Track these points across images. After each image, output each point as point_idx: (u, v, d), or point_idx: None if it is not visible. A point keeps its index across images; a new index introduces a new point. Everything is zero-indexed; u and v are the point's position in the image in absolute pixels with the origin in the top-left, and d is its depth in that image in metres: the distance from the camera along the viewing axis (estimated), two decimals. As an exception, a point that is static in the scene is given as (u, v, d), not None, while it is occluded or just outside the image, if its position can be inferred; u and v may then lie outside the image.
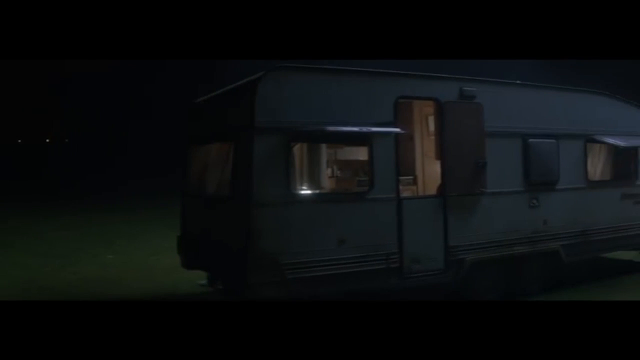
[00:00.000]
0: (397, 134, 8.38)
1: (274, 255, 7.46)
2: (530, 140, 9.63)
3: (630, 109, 11.39)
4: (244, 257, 7.42)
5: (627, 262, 12.38)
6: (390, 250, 8.26)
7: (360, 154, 9.06)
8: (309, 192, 8.33)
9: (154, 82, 42.13)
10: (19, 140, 55.11)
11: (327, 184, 9.31)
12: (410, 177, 10.50)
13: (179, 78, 37.69)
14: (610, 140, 10.50)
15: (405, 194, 9.47)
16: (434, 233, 8.69)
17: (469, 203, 9.01)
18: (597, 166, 11.02)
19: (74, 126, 50.74)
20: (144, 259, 13.92)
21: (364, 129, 7.94)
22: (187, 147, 10.03)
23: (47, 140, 54.04)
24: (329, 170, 9.95)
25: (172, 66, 36.63)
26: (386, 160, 8.33)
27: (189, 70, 36.74)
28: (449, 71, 9.17)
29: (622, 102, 11.24)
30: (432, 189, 9.52)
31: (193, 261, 9.32)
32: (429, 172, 10.45)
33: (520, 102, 9.73)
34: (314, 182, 8.49)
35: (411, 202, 8.75)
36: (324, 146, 8.71)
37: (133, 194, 30.59)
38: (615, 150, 10.95)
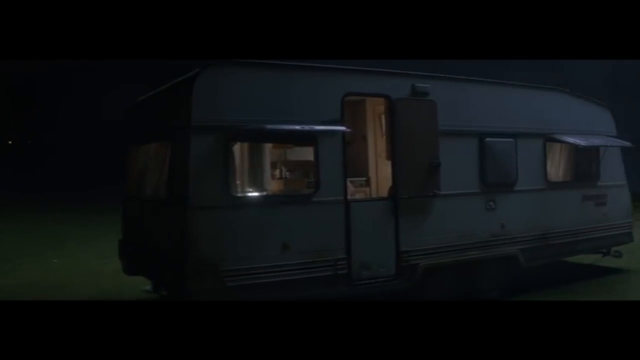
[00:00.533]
0: (344, 133, 7.94)
1: (212, 261, 7.02)
2: (487, 139, 9.22)
3: (591, 107, 11.06)
4: (181, 263, 7.01)
5: (588, 266, 12.08)
6: (337, 256, 7.83)
7: (310, 154, 8.60)
8: (250, 194, 7.86)
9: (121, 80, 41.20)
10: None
11: (273, 185, 8.88)
12: (363, 178, 10.08)
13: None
14: (570, 140, 10.12)
15: (358, 196, 9.10)
16: (385, 238, 8.25)
17: (421, 206, 8.57)
18: (557, 167, 10.63)
19: (36, 128, 49.65)
20: (91, 263, 13.34)
21: (307, 127, 7.48)
22: (127, 148, 9.53)
23: (10, 142, 52.80)
24: (278, 172, 9.52)
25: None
26: (333, 160, 7.88)
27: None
28: (403, 67, 8.69)
29: (582, 100, 10.92)
30: (386, 191, 9.07)
31: (134, 267, 8.83)
32: (383, 173, 9.95)
33: (477, 99, 9.32)
34: (256, 184, 8.01)
35: (360, 205, 8.28)
36: (267, 146, 8.23)
37: (93, 196, 29.86)
38: (575, 150, 10.58)
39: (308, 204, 7.77)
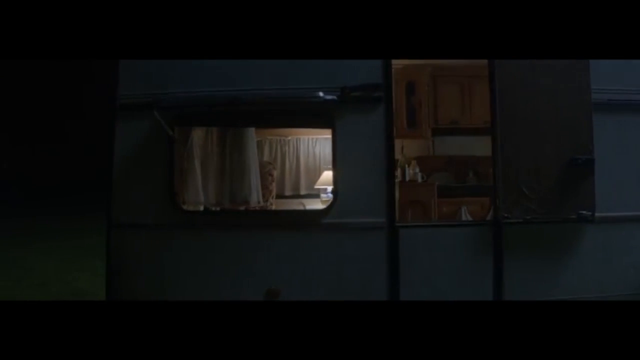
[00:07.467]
0: (389, 105, 4.63)
1: None
2: None
3: None
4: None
5: None
6: None
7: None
8: (210, 209, 4.98)
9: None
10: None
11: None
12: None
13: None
14: None
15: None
16: (472, 291, 4.73)
17: (553, 238, 4.86)
18: None
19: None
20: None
21: (312, 95, 4.60)
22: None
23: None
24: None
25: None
26: (363, 152, 4.71)
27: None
28: None
29: None
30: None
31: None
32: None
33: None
34: (230, 194, 5.09)
35: (419, 234, 4.83)
36: (252, 133, 5.24)
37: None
38: None
39: (315, 228, 4.65)
